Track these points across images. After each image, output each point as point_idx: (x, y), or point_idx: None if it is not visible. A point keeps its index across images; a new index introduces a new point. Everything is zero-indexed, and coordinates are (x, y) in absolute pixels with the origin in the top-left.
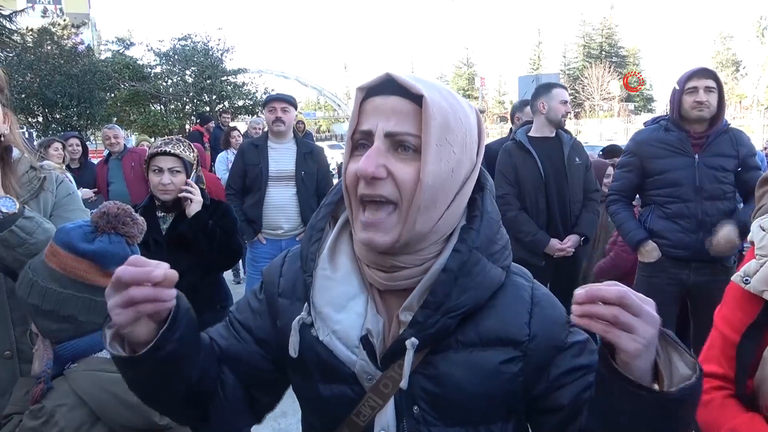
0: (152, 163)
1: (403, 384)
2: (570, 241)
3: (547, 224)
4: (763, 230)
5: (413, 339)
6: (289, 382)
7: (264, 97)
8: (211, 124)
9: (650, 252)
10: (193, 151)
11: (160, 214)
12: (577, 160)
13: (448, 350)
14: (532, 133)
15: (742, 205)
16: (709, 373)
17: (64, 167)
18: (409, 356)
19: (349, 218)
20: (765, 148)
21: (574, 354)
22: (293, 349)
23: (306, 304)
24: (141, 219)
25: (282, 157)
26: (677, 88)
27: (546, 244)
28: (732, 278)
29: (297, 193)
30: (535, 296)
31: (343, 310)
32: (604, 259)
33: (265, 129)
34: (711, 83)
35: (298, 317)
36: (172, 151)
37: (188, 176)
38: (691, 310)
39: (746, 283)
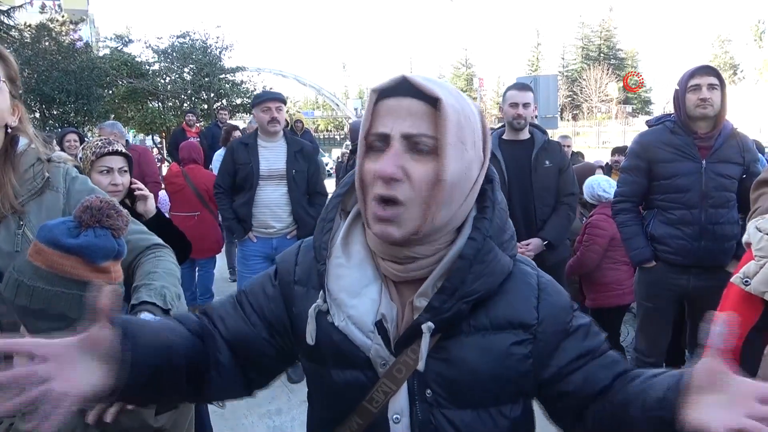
0: (100, 163)
1: (420, 366)
2: (531, 245)
3: None
4: (760, 231)
5: (429, 323)
6: (284, 368)
7: None
8: (190, 116)
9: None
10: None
11: None
12: (547, 162)
13: (460, 334)
14: (504, 136)
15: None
16: None
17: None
18: (425, 340)
19: (362, 213)
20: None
21: (581, 338)
22: (310, 337)
23: (321, 291)
24: (125, 211)
25: (273, 156)
26: (678, 88)
27: None
28: (731, 280)
29: (288, 191)
30: (541, 283)
31: (357, 296)
32: (572, 258)
33: (256, 127)
34: (713, 80)
35: (314, 305)
36: (122, 150)
37: (131, 175)
38: (689, 312)
39: (746, 285)
